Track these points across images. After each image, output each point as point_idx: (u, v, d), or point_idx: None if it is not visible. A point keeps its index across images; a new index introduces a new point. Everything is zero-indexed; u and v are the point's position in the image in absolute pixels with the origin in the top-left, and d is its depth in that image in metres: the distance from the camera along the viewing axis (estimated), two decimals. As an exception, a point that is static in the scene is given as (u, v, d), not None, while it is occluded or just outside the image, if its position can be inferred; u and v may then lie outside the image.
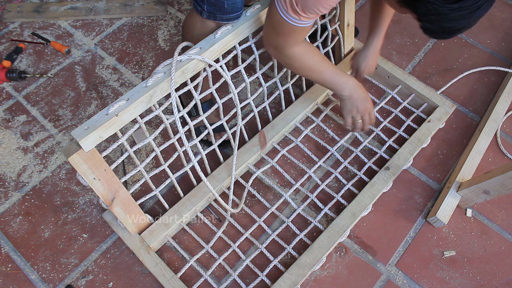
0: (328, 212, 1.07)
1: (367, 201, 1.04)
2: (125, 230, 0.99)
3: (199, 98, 0.94)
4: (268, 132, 1.14)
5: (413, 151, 1.13)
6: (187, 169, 1.01)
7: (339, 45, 1.26)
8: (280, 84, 1.15)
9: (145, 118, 0.84)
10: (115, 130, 0.79)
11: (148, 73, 1.33)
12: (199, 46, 0.86)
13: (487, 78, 1.34)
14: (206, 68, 0.90)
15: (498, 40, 1.42)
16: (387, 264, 1.04)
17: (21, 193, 1.12)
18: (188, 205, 1.03)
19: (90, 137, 0.75)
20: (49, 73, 1.33)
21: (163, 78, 0.81)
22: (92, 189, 0.85)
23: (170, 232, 1.02)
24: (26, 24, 1.45)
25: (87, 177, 0.81)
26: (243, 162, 1.10)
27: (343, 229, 1.00)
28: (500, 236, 1.08)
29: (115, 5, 1.47)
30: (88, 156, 0.78)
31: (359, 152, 1.15)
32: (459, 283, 1.02)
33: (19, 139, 1.21)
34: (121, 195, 0.90)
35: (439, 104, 1.20)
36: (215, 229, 1.04)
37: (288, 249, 1.01)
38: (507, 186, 0.94)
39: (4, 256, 1.04)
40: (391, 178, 1.08)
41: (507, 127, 1.25)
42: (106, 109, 0.77)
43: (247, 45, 0.97)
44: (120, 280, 1.01)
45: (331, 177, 1.11)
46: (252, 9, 0.92)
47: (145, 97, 0.79)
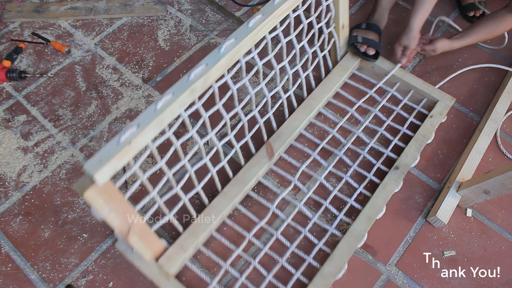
0: (343, 218, 1.06)
1: (381, 203, 1.04)
2: (141, 259, 0.96)
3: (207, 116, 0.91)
4: (274, 142, 1.13)
5: (419, 148, 1.13)
6: (199, 189, 0.98)
7: (335, 47, 1.26)
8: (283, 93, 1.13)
9: (156, 142, 0.80)
10: (128, 159, 0.74)
11: (148, 73, 1.34)
12: (205, 63, 0.82)
13: (487, 78, 1.34)
14: (213, 85, 0.87)
15: (499, 40, 1.42)
16: (387, 264, 1.04)
17: (21, 193, 1.13)
18: (203, 226, 1.00)
19: (105, 169, 0.70)
20: (49, 73, 1.33)
21: (173, 100, 0.77)
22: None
23: (187, 256, 0.99)
24: (26, 24, 1.45)
25: (103, 211, 0.77)
26: (253, 175, 1.08)
27: (361, 234, 1.00)
28: (500, 236, 1.08)
29: (115, 5, 1.47)
30: (103, 189, 0.74)
31: (366, 154, 1.14)
32: (459, 283, 1.02)
33: (19, 139, 1.21)
34: (137, 224, 0.86)
35: (438, 98, 1.21)
36: (233, 247, 1.01)
37: (309, 259, 1.00)
38: (507, 186, 0.94)
39: (4, 256, 1.04)
40: (401, 178, 1.08)
41: (507, 127, 1.25)
42: (118, 137, 0.72)
43: (250, 57, 0.94)
44: (120, 280, 1.01)
45: (342, 182, 1.10)
46: (254, 20, 0.88)
47: (156, 121, 0.75)
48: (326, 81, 1.24)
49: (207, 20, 1.47)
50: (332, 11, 1.15)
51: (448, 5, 1.52)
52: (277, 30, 0.99)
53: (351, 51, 1.28)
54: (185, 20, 1.46)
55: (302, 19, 1.06)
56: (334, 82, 1.24)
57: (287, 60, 1.07)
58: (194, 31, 1.44)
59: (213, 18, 1.47)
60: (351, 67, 1.27)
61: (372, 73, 1.29)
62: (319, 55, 1.20)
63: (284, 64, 1.07)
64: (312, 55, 1.27)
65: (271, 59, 1.02)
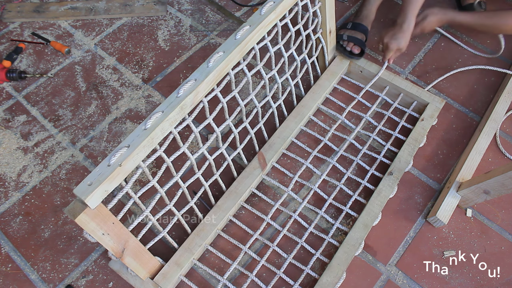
0: (339, 226, 1.05)
1: (376, 210, 1.04)
2: (136, 278, 0.95)
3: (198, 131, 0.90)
4: (266, 152, 1.12)
5: (412, 152, 1.13)
6: (192, 204, 0.98)
7: (323, 53, 1.26)
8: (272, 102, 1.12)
9: (147, 161, 0.79)
10: (120, 181, 0.73)
11: (148, 73, 1.34)
12: (194, 78, 0.81)
13: (487, 78, 1.34)
14: (203, 100, 0.86)
15: (498, 40, 1.42)
16: (387, 264, 1.04)
17: (21, 193, 1.13)
18: (198, 241, 1.00)
19: (96, 193, 0.69)
20: (49, 73, 1.33)
21: (162, 118, 0.76)
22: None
23: (183, 272, 0.99)
24: (26, 24, 1.45)
25: (96, 234, 0.76)
26: (246, 187, 1.07)
27: (358, 242, 1.00)
28: (500, 236, 1.08)
29: (115, 5, 1.47)
30: (95, 212, 0.72)
31: (359, 160, 1.14)
32: (459, 283, 1.02)
33: (19, 139, 1.21)
34: (131, 244, 0.85)
35: (428, 101, 1.20)
36: (229, 261, 1.00)
37: (307, 270, 0.99)
38: (507, 186, 0.94)
39: (4, 256, 1.04)
40: (395, 183, 1.08)
41: (507, 127, 1.25)
42: (107, 159, 0.71)
43: (239, 69, 0.93)
44: (120, 280, 1.01)
45: (337, 190, 1.10)
46: (241, 32, 0.87)
47: (147, 140, 0.74)
48: (315, 88, 1.24)
49: (207, 20, 1.47)
50: (319, 17, 1.15)
51: (448, 5, 1.52)
52: (265, 40, 0.99)
53: (339, 55, 1.28)
54: (185, 20, 1.46)
55: (290, 27, 1.06)
56: (323, 88, 1.24)
57: (275, 70, 1.07)
58: (194, 31, 1.44)
59: (213, 18, 1.47)
60: (339, 72, 1.27)
61: (360, 77, 1.29)
62: (308, 62, 1.21)
63: (273, 73, 1.07)
64: (300, 62, 1.27)
65: (260, 69, 1.02)
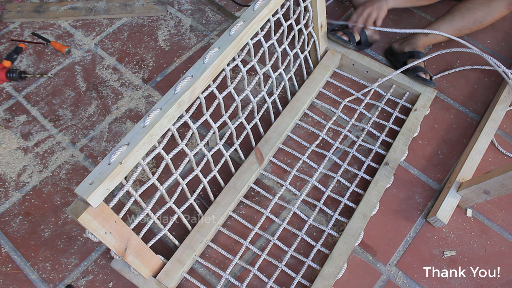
0: (338, 217, 1.06)
1: (374, 200, 1.05)
2: (139, 276, 0.95)
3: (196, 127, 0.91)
4: (263, 147, 1.13)
5: (406, 142, 1.14)
6: (192, 200, 0.98)
7: (315, 47, 1.27)
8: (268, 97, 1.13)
9: (147, 159, 0.80)
10: (121, 179, 0.73)
11: (148, 73, 1.34)
12: (190, 74, 0.81)
13: (487, 78, 1.34)
14: (200, 96, 0.86)
15: (498, 40, 1.42)
16: (387, 264, 1.04)
17: (21, 193, 1.13)
18: (198, 237, 1.00)
19: (97, 191, 0.69)
20: (49, 73, 1.33)
21: (161, 115, 0.77)
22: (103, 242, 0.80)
23: (185, 269, 0.99)
24: (26, 24, 1.45)
25: (98, 233, 0.76)
26: (244, 182, 1.08)
27: (358, 232, 1.00)
28: (500, 236, 1.08)
29: (115, 5, 1.47)
30: (97, 211, 0.73)
31: (355, 152, 1.15)
32: (459, 283, 1.02)
33: (19, 139, 1.21)
34: (133, 242, 0.85)
35: (420, 91, 1.22)
36: (231, 257, 1.00)
37: (308, 262, 1.00)
38: (507, 186, 0.94)
39: (4, 256, 1.04)
40: (391, 173, 1.09)
41: (507, 127, 1.25)
42: (108, 158, 0.71)
43: (234, 64, 0.94)
44: (120, 280, 1.01)
45: (334, 181, 1.11)
46: (235, 27, 0.88)
47: (146, 138, 0.75)
48: (308, 82, 1.25)
49: (207, 20, 1.47)
50: (310, 12, 1.16)
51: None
52: (259, 35, 1.00)
53: (330, 50, 1.29)
54: (185, 20, 1.46)
55: (282, 22, 1.07)
56: (316, 82, 1.25)
57: (269, 64, 1.08)
58: (194, 31, 1.44)
59: (213, 18, 1.47)
60: (332, 65, 1.28)
61: (352, 70, 1.31)
62: (300, 57, 1.22)
63: (267, 68, 1.08)
64: (293, 57, 1.28)
65: (254, 64, 1.03)
